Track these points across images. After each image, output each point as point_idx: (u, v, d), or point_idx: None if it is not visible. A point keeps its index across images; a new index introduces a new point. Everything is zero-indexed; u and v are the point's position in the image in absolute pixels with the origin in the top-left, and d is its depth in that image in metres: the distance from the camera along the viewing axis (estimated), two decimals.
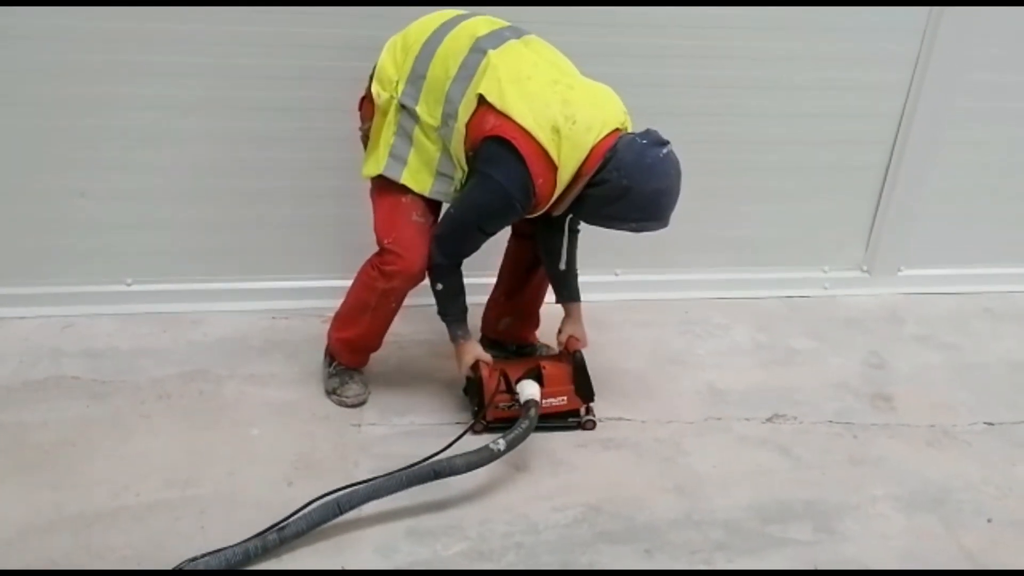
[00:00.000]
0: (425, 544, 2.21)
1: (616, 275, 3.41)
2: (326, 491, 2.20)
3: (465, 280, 2.57)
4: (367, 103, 2.53)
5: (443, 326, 2.60)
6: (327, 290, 3.15)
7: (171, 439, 2.46)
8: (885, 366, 3.13)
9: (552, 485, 2.43)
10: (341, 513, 2.20)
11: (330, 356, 2.73)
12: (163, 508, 2.23)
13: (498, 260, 2.87)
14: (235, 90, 2.90)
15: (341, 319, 2.68)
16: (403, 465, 2.29)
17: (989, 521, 2.44)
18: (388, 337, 2.98)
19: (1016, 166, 3.56)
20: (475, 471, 2.34)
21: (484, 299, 2.92)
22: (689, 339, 3.20)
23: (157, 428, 2.50)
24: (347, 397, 2.67)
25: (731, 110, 3.25)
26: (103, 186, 2.94)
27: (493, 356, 2.66)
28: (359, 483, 2.24)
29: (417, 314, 2.86)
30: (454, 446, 2.37)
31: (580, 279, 2.72)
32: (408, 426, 2.61)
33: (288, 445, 2.48)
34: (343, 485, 2.23)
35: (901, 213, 3.54)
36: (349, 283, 3.13)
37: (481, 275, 2.80)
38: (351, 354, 2.71)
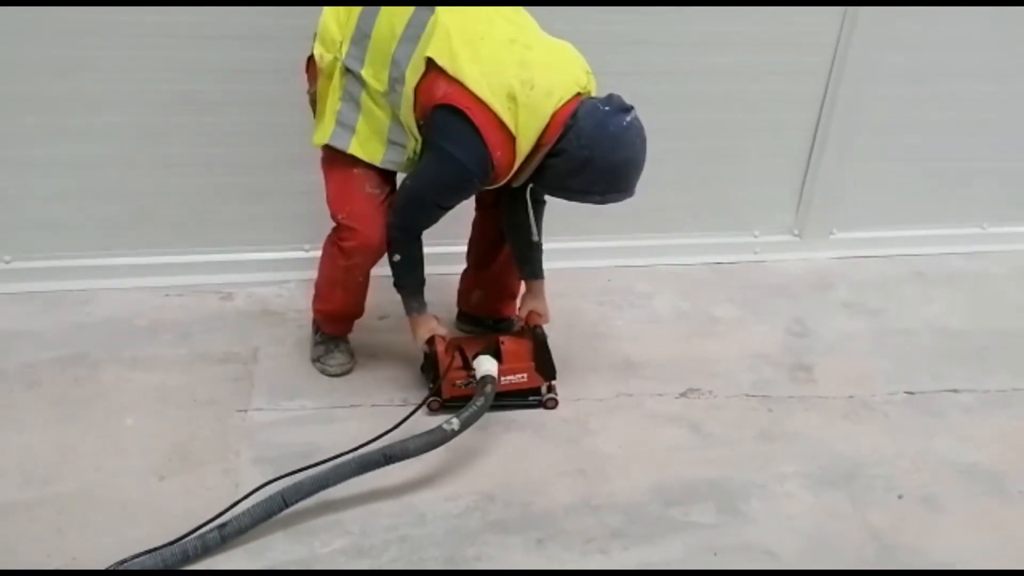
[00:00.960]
0: (302, 542, 2.07)
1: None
2: (210, 485, 2.07)
3: (431, 250, 2.43)
4: (312, 65, 2.35)
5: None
6: (225, 264, 3.03)
7: (35, 432, 2.30)
8: (808, 334, 3.03)
9: (446, 472, 2.30)
10: (287, 506, 2.06)
11: (314, 325, 2.65)
12: (18, 509, 2.07)
13: (467, 229, 2.71)
14: (133, 49, 2.71)
15: (318, 291, 2.59)
16: (296, 457, 2.18)
17: (900, 497, 2.35)
18: (288, 314, 2.86)
19: (944, 124, 3.44)
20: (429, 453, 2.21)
21: (454, 270, 2.79)
22: (608, 310, 3.07)
23: (21, 420, 2.34)
24: (330, 366, 2.59)
25: (653, 70, 3.08)
26: None
27: (467, 332, 2.49)
28: (302, 469, 2.10)
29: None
30: (408, 428, 2.24)
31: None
32: (298, 411, 2.47)
33: (164, 435, 2.33)
34: (283, 473, 2.09)
35: (831, 175, 3.42)
36: (250, 255, 3.05)
37: (449, 244, 2.68)
38: (333, 323, 2.62)
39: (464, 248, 2.79)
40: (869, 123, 3.36)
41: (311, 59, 2.36)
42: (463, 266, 2.81)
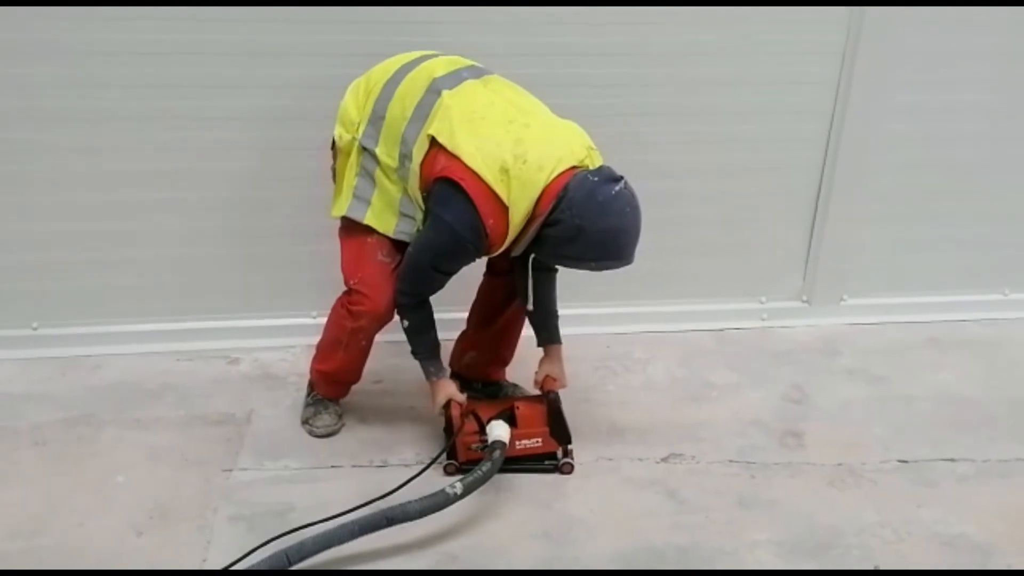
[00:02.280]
0: None
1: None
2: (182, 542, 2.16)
3: (438, 315, 2.53)
4: (336, 144, 2.55)
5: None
6: (234, 330, 3.17)
7: (31, 487, 2.44)
8: (805, 401, 2.99)
9: (414, 531, 2.34)
10: (290, 565, 2.13)
11: (310, 385, 2.77)
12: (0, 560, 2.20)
13: (472, 295, 2.82)
14: (136, 132, 2.91)
15: (320, 351, 2.70)
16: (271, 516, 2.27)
17: (875, 568, 2.28)
18: (289, 378, 2.98)
19: (951, 187, 3.40)
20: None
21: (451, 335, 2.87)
22: (603, 375, 3.10)
23: (24, 476, 2.49)
24: (317, 427, 2.69)
25: (654, 137, 3.16)
26: (7, 229, 2.97)
27: (469, 395, 2.64)
28: (305, 526, 2.18)
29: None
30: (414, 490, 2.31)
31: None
32: (281, 471, 2.56)
33: (149, 492, 2.44)
34: (285, 531, 2.18)
35: (837, 239, 3.40)
36: (258, 321, 3.19)
37: (452, 310, 2.77)
38: (328, 385, 2.73)
39: (459, 314, 2.84)
40: (875, 187, 3.34)
41: (334, 139, 2.55)
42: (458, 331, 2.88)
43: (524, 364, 2.78)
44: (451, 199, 2.26)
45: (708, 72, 3.12)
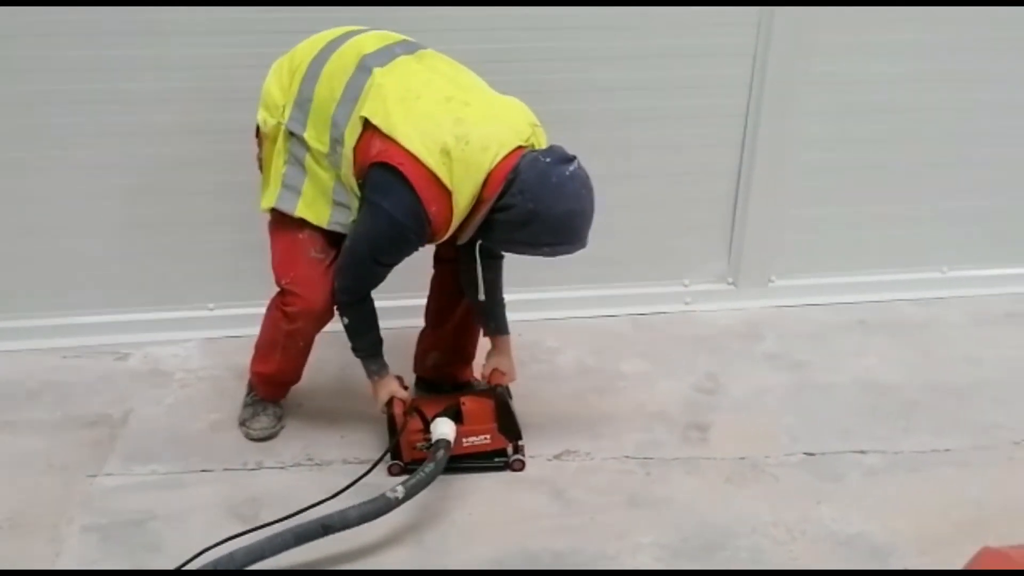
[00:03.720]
0: None
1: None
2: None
3: (388, 303, 2.41)
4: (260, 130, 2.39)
5: None
6: (127, 324, 3.04)
7: None
8: (717, 391, 2.86)
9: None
10: None
11: (249, 385, 2.64)
12: None
13: (424, 281, 2.66)
14: (25, 118, 2.78)
15: (257, 353, 2.56)
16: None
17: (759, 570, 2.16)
18: (176, 374, 2.85)
19: (883, 160, 3.24)
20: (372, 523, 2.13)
21: (411, 323, 2.73)
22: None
23: None
24: (253, 430, 2.56)
25: (568, 112, 2.98)
26: None
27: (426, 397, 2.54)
28: (234, 537, 2.05)
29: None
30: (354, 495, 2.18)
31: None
32: (148, 476, 2.44)
33: (5, 500, 2.32)
34: (213, 543, 2.05)
35: (761, 219, 3.26)
36: (152, 314, 3.06)
37: (402, 297, 2.65)
38: (266, 387, 2.60)
39: (421, 301, 2.72)
40: (800, 161, 3.19)
41: (258, 125, 2.39)
42: (419, 321, 2.73)
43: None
44: (389, 185, 2.11)
45: (623, 45, 2.97)
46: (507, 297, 3.16)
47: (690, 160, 3.17)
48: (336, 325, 2.40)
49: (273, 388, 2.61)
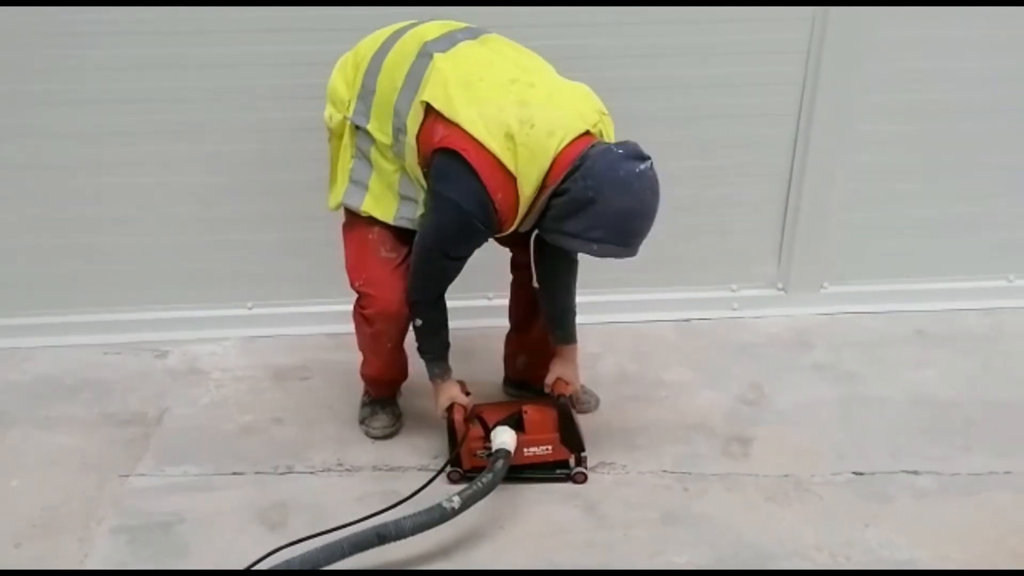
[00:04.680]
0: None
1: (488, 299, 3.12)
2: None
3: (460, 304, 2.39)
4: None
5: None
6: (167, 321, 3.06)
7: None
8: (761, 402, 2.75)
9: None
10: None
11: (364, 386, 2.62)
12: None
13: (504, 280, 2.61)
14: (70, 119, 2.80)
15: (362, 356, 2.53)
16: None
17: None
18: (213, 373, 2.85)
19: (945, 161, 3.09)
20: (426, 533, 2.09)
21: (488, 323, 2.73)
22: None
23: None
24: (373, 428, 2.55)
25: (614, 114, 2.91)
26: None
27: (514, 396, 2.54)
28: (291, 544, 2.03)
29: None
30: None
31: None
32: (179, 477, 2.43)
33: (38, 499, 2.33)
34: (271, 550, 2.03)
35: (813, 222, 3.13)
36: (192, 312, 3.07)
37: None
38: (376, 387, 2.58)
39: (502, 302, 2.68)
40: (855, 162, 3.06)
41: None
42: (502, 321, 2.70)
43: None
44: (453, 173, 2.05)
45: (672, 43, 2.88)
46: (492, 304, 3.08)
47: (740, 160, 3.06)
48: None
49: (381, 387, 2.57)
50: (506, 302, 2.66)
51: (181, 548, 2.18)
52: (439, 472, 2.27)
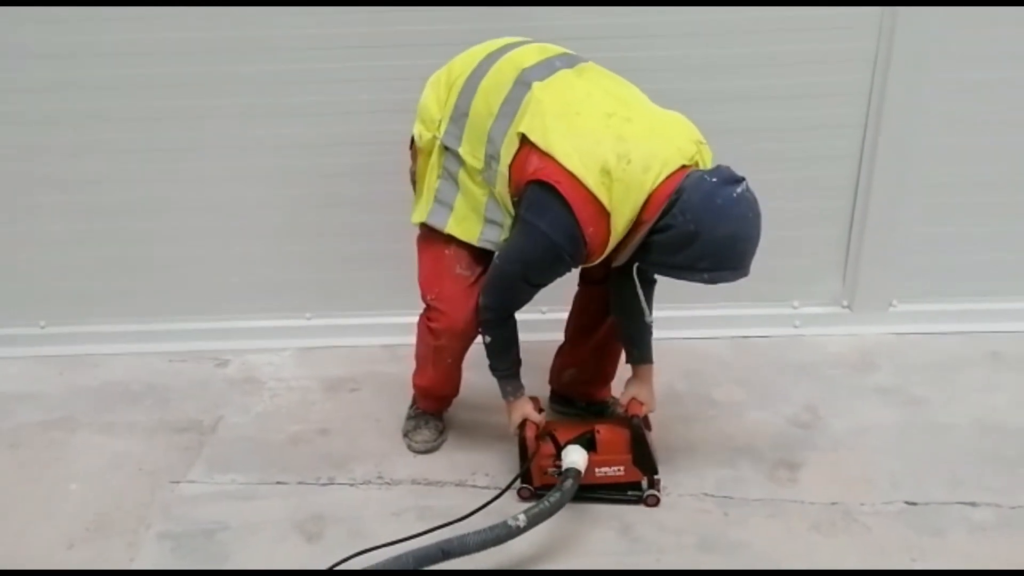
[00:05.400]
0: None
1: (543, 313, 3.11)
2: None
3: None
4: (415, 143, 2.38)
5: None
6: (231, 331, 3.15)
7: None
8: (815, 425, 2.65)
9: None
10: None
11: (412, 398, 2.67)
12: None
13: (566, 295, 2.64)
14: (133, 133, 2.91)
15: (416, 365, 2.57)
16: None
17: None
18: (268, 383, 2.93)
19: (1010, 177, 2.93)
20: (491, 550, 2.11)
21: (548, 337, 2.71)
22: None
23: None
24: (415, 442, 2.59)
25: None
26: (15, 230, 3.04)
27: (558, 412, 2.54)
28: (351, 556, 2.10)
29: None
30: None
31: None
32: (227, 484, 2.50)
33: (95, 502, 2.44)
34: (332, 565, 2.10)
35: (880, 236, 3.01)
36: (253, 322, 3.16)
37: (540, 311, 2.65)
38: (426, 400, 2.62)
39: (560, 315, 2.68)
40: (924, 175, 2.93)
41: (413, 138, 2.38)
42: (557, 335, 2.69)
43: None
44: (546, 204, 2.06)
45: (734, 52, 2.81)
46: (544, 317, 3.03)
47: (804, 172, 2.97)
48: None
49: (432, 401, 2.60)
50: (559, 316, 2.64)
51: (222, 556, 2.25)
52: (507, 488, 2.25)
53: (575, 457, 2.27)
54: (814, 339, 3.07)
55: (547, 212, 2.05)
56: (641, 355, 2.43)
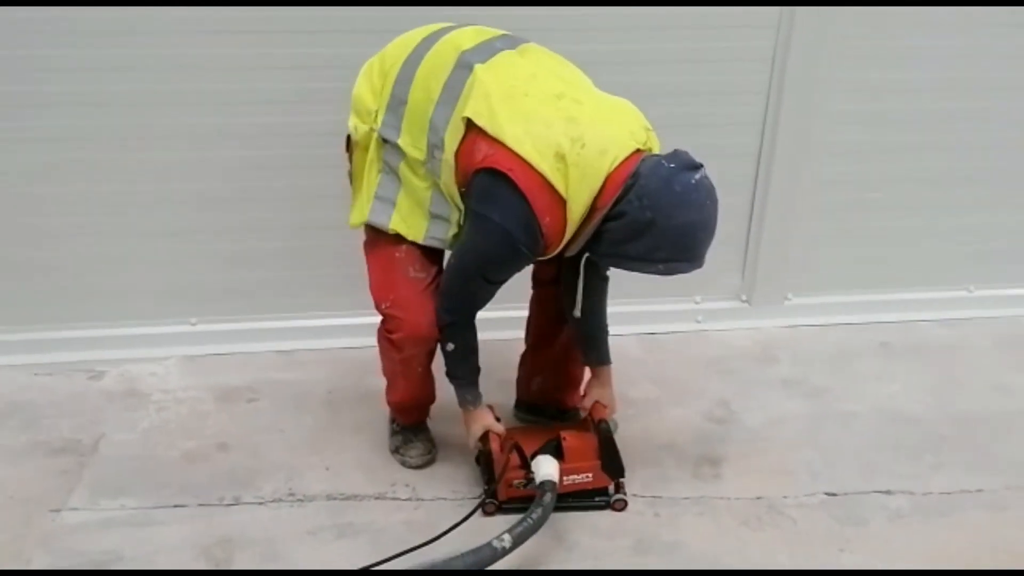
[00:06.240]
0: None
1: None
2: None
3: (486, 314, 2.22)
4: (351, 141, 2.21)
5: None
6: (102, 339, 2.86)
7: None
8: (730, 420, 2.67)
9: None
10: None
11: (390, 415, 2.48)
12: None
13: (520, 292, 2.47)
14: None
15: (387, 382, 2.39)
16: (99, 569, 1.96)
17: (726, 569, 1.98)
18: (153, 395, 2.68)
19: (907, 172, 3.06)
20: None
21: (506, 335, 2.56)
22: (508, 391, 2.75)
23: None
24: (410, 457, 2.40)
25: None
26: None
27: (527, 422, 2.44)
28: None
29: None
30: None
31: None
32: (116, 511, 2.25)
33: None
34: None
35: (777, 232, 3.08)
36: (130, 329, 2.88)
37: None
38: (405, 414, 2.43)
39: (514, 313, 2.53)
40: (819, 172, 3.01)
41: (349, 136, 2.21)
42: (511, 334, 2.56)
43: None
44: (498, 194, 1.93)
45: (634, 49, 2.78)
46: (504, 314, 2.98)
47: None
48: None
49: (412, 413, 2.43)
50: (518, 314, 2.52)
51: None
52: (477, 507, 2.15)
53: (548, 469, 2.16)
54: (717, 334, 3.11)
55: (500, 202, 1.94)
56: (599, 356, 2.36)
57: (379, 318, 2.24)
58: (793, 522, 2.28)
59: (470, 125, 1.96)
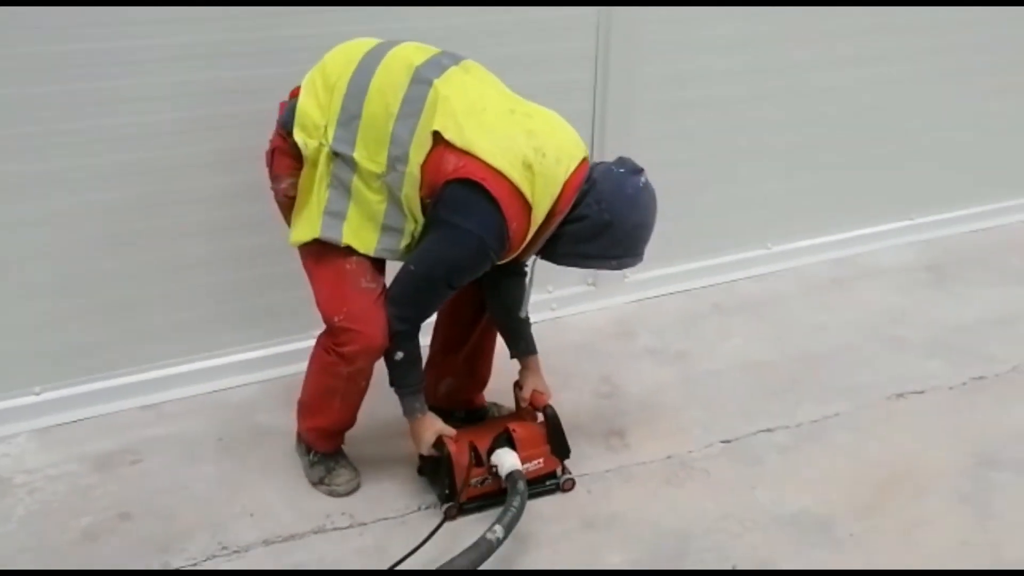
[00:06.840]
0: None
1: None
2: None
3: None
4: (279, 156, 2.18)
5: None
6: None
7: None
8: (617, 393, 2.86)
9: None
10: None
11: (305, 445, 2.39)
12: None
13: None
14: None
15: (308, 408, 2.34)
16: None
17: (734, 568, 2.17)
18: (15, 478, 2.38)
19: (705, 153, 3.42)
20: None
21: None
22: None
23: None
24: (338, 486, 2.35)
25: None
26: None
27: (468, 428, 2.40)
28: None
29: None
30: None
31: None
32: None
33: None
34: None
35: None
36: None
37: None
38: (327, 440, 2.39)
39: None
40: (643, 161, 3.26)
41: (273, 151, 2.19)
42: None
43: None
44: (471, 203, 2.01)
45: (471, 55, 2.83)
46: None
47: None
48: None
49: (332, 439, 2.40)
50: None
51: None
52: (446, 517, 2.20)
53: (511, 460, 2.25)
54: (573, 318, 3.29)
55: (474, 211, 2.02)
56: (528, 346, 2.46)
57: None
58: (706, 473, 2.50)
59: (438, 138, 2.00)
